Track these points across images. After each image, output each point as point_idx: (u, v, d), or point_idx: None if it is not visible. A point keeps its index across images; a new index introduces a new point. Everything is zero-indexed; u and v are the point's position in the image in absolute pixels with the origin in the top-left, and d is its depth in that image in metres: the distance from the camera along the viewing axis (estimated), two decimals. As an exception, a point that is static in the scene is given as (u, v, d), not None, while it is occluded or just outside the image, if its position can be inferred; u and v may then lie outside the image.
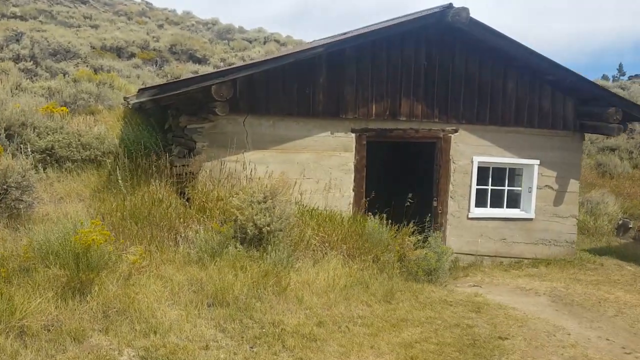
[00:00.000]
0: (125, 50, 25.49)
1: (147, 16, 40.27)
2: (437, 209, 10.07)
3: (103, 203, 7.95)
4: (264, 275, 6.38)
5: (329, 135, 9.47)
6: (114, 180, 8.36)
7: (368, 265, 7.36)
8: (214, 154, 8.78)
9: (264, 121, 9.11)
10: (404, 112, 9.68)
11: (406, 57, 9.64)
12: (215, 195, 8.34)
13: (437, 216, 10.07)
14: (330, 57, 9.13)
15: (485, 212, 10.37)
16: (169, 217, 7.61)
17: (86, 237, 5.43)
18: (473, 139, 10.16)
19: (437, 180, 10.10)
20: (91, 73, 15.44)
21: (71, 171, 8.88)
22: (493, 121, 10.18)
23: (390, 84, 9.56)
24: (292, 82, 9.06)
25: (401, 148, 11.38)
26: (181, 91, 7.97)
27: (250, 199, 7.14)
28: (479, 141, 10.19)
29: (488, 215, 10.35)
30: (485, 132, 10.20)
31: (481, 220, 10.31)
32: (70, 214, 7.49)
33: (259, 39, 34.94)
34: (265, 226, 6.86)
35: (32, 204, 6.94)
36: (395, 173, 11.80)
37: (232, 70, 8.32)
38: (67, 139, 8.90)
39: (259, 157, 9.05)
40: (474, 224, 10.29)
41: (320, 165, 9.43)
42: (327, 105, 9.26)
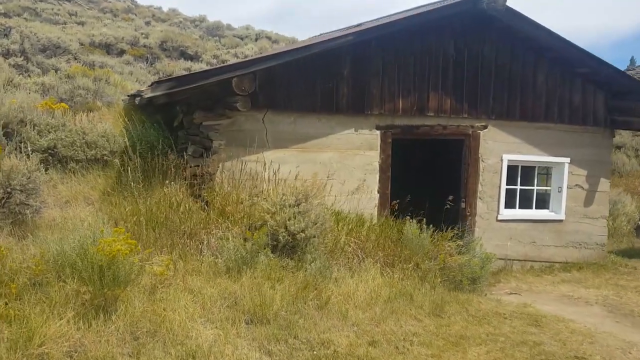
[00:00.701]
0: (114, 47, 24.61)
1: (133, 13, 39.31)
2: (466, 210, 9.49)
3: (115, 207, 7.22)
4: (303, 288, 5.73)
5: (352, 133, 8.84)
6: (125, 182, 7.63)
7: (409, 274, 6.74)
8: (231, 153, 8.10)
9: (285, 118, 8.45)
10: (432, 107, 9.08)
11: (434, 48, 9.05)
12: (235, 198, 7.67)
13: (465, 218, 9.49)
14: (355, 48, 8.50)
15: (514, 213, 9.82)
16: (189, 222, 6.92)
17: (110, 247, 4.73)
18: (503, 136, 9.60)
19: (465, 180, 9.52)
20: (86, 69, 14.63)
21: (75, 172, 8.11)
22: (523, 116, 9.64)
23: (417, 77, 8.96)
24: (315, 75, 8.41)
25: (423, 146, 10.75)
26: (200, 84, 7.28)
27: (281, 202, 6.48)
28: (508, 138, 9.63)
29: (518, 216, 9.81)
30: (515, 128, 9.65)
31: (510, 223, 9.76)
32: (80, 219, 6.77)
33: (249, 35, 34.23)
34: (300, 232, 6.20)
35: (39, 209, 6.20)
36: (417, 173, 11.18)
37: (254, 61, 7.64)
38: (70, 137, 8.13)
39: (279, 156, 8.38)
40: (503, 226, 9.73)
41: (344, 165, 8.80)
42: (352, 100, 8.63)
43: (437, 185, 9.97)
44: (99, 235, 5.14)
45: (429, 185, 10.35)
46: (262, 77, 7.98)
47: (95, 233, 5.19)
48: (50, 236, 5.73)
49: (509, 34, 9.25)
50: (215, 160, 8.02)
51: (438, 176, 10.67)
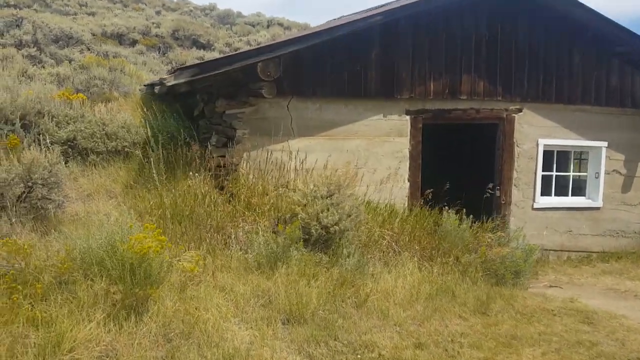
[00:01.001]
0: (126, 37, 24.34)
1: (143, 3, 39.01)
2: (500, 198, 9.08)
3: (138, 200, 6.92)
4: (340, 285, 5.39)
5: (381, 119, 8.45)
6: (148, 174, 7.33)
7: (449, 268, 6.37)
8: (256, 142, 7.75)
9: (310, 104, 8.08)
10: (465, 90, 8.65)
11: (466, 27, 8.60)
12: (260, 189, 7.34)
13: (499, 207, 9.09)
14: (384, 29, 8.08)
15: (551, 201, 9.39)
16: (215, 215, 6.61)
17: (141, 244, 4.42)
18: (538, 120, 9.15)
19: (499, 167, 9.10)
20: (101, 59, 14.35)
21: (96, 164, 7.83)
22: (559, 99, 9.18)
23: (449, 58, 8.53)
24: (341, 58, 8.02)
25: (454, 131, 10.30)
26: (224, 70, 6.91)
27: (312, 193, 6.13)
28: (544, 122, 9.18)
29: (554, 204, 9.38)
30: (551, 111, 9.20)
31: (547, 211, 9.34)
32: (104, 213, 6.48)
33: (261, 22, 33.77)
34: (333, 225, 5.85)
35: (62, 203, 5.91)
36: (446, 160, 10.76)
37: (279, 44, 7.26)
38: (90, 129, 7.84)
39: (305, 145, 8.02)
40: (539, 214, 9.31)
41: (372, 153, 8.42)
42: (380, 84, 8.23)
43: (468, 173, 9.58)
44: (128, 231, 4.84)
45: (459, 173, 9.95)
46: (286, 62, 7.59)
47: (123, 229, 4.88)
48: (75, 232, 5.44)
49: (544, 12, 8.77)
50: (239, 150, 7.67)
51: (469, 163, 10.26)
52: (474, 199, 8.35)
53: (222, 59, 7.23)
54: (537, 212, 9.30)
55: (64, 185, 6.05)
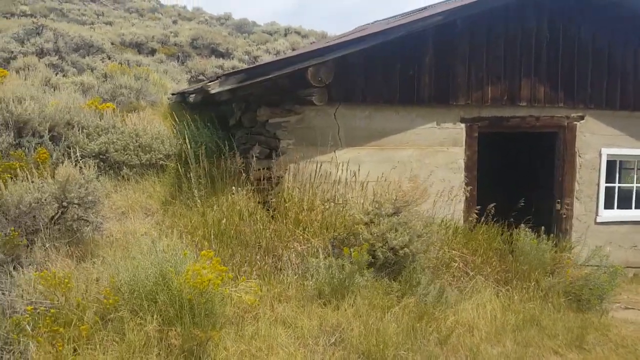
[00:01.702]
0: (145, 46, 23.96)
1: (159, 13, 38.85)
2: (561, 212, 8.37)
3: (178, 219, 6.32)
4: (419, 318, 4.73)
5: (434, 127, 7.79)
6: (186, 188, 6.73)
7: (531, 294, 5.68)
8: (301, 153, 7.12)
9: (359, 112, 7.45)
10: (524, 96, 7.98)
11: (526, 29, 7.93)
12: (308, 205, 6.71)
13: (560, 221, 8.37)
14: (439, 31, 7.44)
15: (615, 214, 8.66)
16: (263, 235, 5.98)
17: (200, 276, 3.80)
18: (601, 127, 8.44)
19: (559, 178, 8.39)
20: (125, 67, 13.85)
21: (129, 179, 7.25)
22: (624, 105, 8.46)
23: (508, 62, 7.86)
24: (393, 63, 7.39)
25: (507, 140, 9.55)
26: (273, 76, 6.30)
27: (376, 210, 5.47)
28: (607, 130, 8.47)
29: (619, 218, 8.64)
30: (615, 118, 8.48)
31: (611, 225, 8.60)
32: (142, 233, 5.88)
33: (278, 31, 33.33)
34: (403, 247, 5.18)
35: (100, 225, 5.30)
36: (501, 170, 10.03)
37: (331, 48, 6.64)
38: (122, 140, 7.26)
39: (353, 155, 7.37)
40: (602, 229, 8.58)
41: (424, 164, 7.75)
42: (434, 90, 7.58)
43: (524, 184, 8.87)
44: (181, 259, 4.23)
45: (514, 184, 9.25)
46: (335, 67, 6.97)
47: (174, 256, 4.26)
48: (115, 257, 4.84)
49: (609, 10, 8.09)
50: (284, 161, 7.06)
51: (526, 174, 9.51)
52: (532, 212, 7.65)
53: (271, 63, 6.63)
54: (600, 226, 8.57)
55: (101, 204, 5.44)
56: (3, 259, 4.42)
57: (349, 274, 4.94)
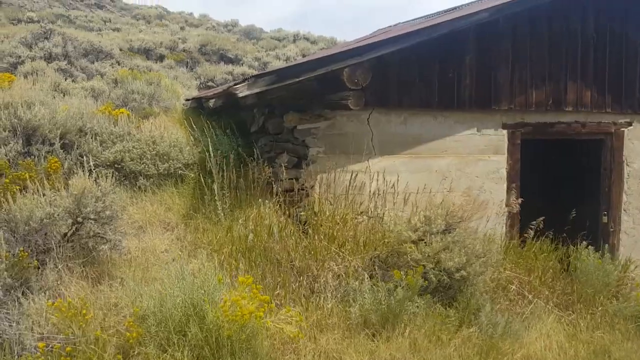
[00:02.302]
0: (153, 52, 23.56)
1: (166, 19, 38.57)
2: (608, 225, 7.76)
3: (201, 234, 5.76)
4: (485, 353, 4.13)
5: (474, 134, 7.21)
6: (209, 200, 6.17)
7: (598, 321, 5.07)
8: (332, 162, 6.55)
9: (394, 117, 6.88)
10: (571, 100, 7.40)
11: (572, 27, 7.36)
12: (339, 218, 6.13)
13: (607, 235, 7.76)
14: (481, 29, 6.88)
15: (666, 227, 8.04)
16: (297, 253, 5.41)
17: (239, 308, 3.22)
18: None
19: (606, 189, 7.80)
20: (136, 72, 13.37)
21: (145, 189, 6.70)
22: (674, 110, 7.88)
23: (553, 62, 7.29)
24: (431, 63, 6.83)
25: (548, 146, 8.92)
26: (304, 78, 5.75)
27: (425, 227, 4.89)
28: (658, 136, 7.89)
29: (671, 231, 8.02)
30: (665, 124, 7.90)
31: (660, 239, 7.99)
32: (160, 249, 5.32)
33: (287, 37, 32.91)
34: (460, 270, 4.59)
35: (120, 244, 4.74)
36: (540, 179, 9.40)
37: (369, 47, 6.08)
38: (139, 149, 6.72)
39: (388, 164, 6.80)
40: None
41: (465, 174, 7.17)
42: (475, 93, 7.00)
43: (567, 195, 8.26)
44: (214, 283, 3.66)
45: (555, 194, 8.64)
46: (370, 68, 6.41)
47: (205, 281, 3.69)
48: (132, 276, 4.29)
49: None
50: (313, 171, 6.49)
51: (568, 183, 8.87)
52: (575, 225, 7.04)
53: (302, 64, 6.07)
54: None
55: (120, 219, 4.88)
56: (11, 283, 3.86)
57: (400, 301, 4.34)
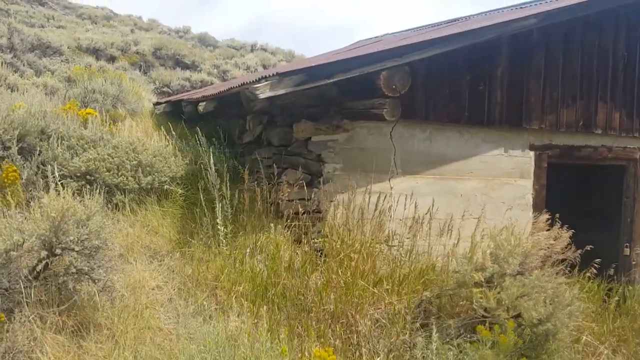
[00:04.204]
0: (103, 52, 21.93)
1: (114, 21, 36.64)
2: (630, 258, 7.19)
3: (201, 266, 4.64)
4: None
5: (502, 154, 6.47)
6: (207, 223, 5.05)
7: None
8: (351, 181, 5.60)
9: (418, 132, 6.03)
10: (600, 122, 6.81)
11: (603, 44, 6.80)
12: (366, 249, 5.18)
13: (629, 268, 7.17)
14: (514, 40, 6.18)
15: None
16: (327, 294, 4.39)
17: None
18: (673, 162, 7.38)
19: (628, 220, 7.24)
20: (94, 70, 11.99)
21: (123, 207, 5.50)
22: (696, 138, 7.45)
23: (585, 80, 6.68)
24: (462, 74, 6.04)
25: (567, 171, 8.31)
26: (340, 78, 4.79)
27: (496, 267, 4.00)
28: (679, 165, 7.42)
29: (691, 266, 7.54)
30: (688, 152, 7.45)
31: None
32: (149, 285, 4.19)
33: (245, 47, 31.91)
34: (545, 322, 3.73)
35: (112, 285, 3.56)
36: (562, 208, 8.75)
37: (410, 47, 5.19)
38: (117, 157, 5.52)
39: (410, 185, 5.93)
40: (669, 278, 7.45)
41: (490, 199, 6.40)
42: (506, 109, 6.27)
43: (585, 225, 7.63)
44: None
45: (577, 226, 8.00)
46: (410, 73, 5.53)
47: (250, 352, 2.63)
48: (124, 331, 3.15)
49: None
50: (329, 191, 5.51)
51: (586, 212, 8.23)
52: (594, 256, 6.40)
53: (334, 64, 5.09)
54: (668, 275, 7.44)
55: (110, 250, 3.70)
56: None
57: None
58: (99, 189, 5.42)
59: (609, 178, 7.49)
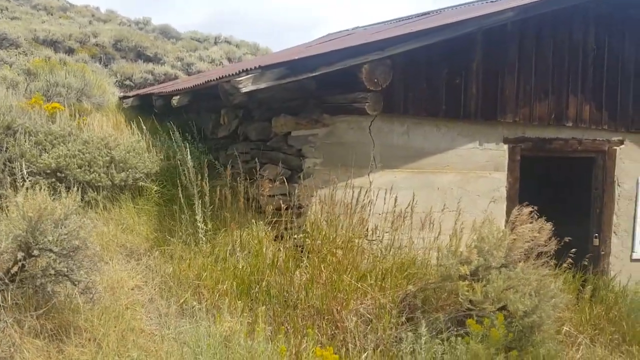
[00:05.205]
0: (61, 45, 21.23)
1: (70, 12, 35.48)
2: (600, 248, 7.39)
3: (182, 265, 4.52)
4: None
5: (476, 148, 6.53)
6: (187, 220, 4.92)
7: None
8: (331, 176, 5.55)
9: (397, 126, 6.03)
10: (571, 115, 6.93)
11: (574, 38, 6.92)
12: (349, 245, 5.15)
13: (598, 258, 7.37)
14: (489, 34, 6.23)
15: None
16: (313, 290, 4.34)
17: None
18: (639, 154, 7.61)
19: (597, 211, 7.42)
20: (55, 62, 11.59)
21: (96, 205, 5.31)
22: (662, 129, 7.70)
23: (556, 73, 6.79)
24: (439, 68, 6.06)
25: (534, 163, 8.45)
26: (319, 73, 4.71)
27: (481, 260, 4.02)
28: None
29: (652, 254, 7.80)
30: (652, 143, 7.69)
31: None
32: (128, 285, 4.06)
33: (208, 39, 31.43)
34: (531, 314, 3.77)
35: (94, 286, 3.42)
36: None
37: (390, 41, 5.15)
38: (88, 154, 5.32)
39: (389, 179, 5.93)
40: (636, 267, 7.69)
41: (466, 192, 6.46)
42: (482, 102, 6.33)
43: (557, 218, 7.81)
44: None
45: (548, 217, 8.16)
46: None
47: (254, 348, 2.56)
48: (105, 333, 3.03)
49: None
50: (310, 186, 5.46)
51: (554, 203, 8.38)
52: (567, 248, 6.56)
53: (317, 57, 5.00)
54: (636, 263, 7.68)
55: (88, 249, 3.55)
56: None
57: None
58: (71, 186, 5.24)
59: (580, 170, 7.66)
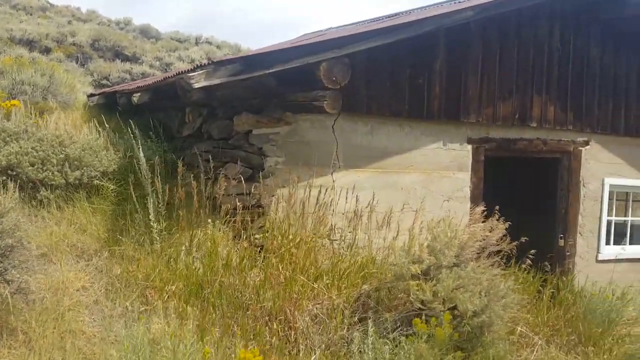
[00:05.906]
0: (38, 44, 20.99)
1: (50, 12, 35.05)
2: (565, 249, 7.41)
3: (132, 265, 4.42)
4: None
5: (440, 148, 6.51)
6: (140, 220, 4.83)
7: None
8: (293, 175, 5.48)
9: (361, 125, 5.99)
10: (535, 115, 6.95)
11: (539, 37, 6.94)
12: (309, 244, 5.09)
13: (563, 259, 7.40)
14: (451, 34, 6.22)
15: (615, 252, 7.84)
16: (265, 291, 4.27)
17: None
18: (605, 155, 7.64)
19: (563, 211, 7.45)
20: (24, 60, 11.39)
21: (49, 204, 5.18)
22: (628, 131, 7.74)
23: (520, 74, 6.80)
24: (402, 67, 6.03)
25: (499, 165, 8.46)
26: (277, 69, 4.64)
27: (431, 259, 3.98)
28: (610, 157, 7.69)
29: (621, 256, 7.84)
30: (619, 145, 7.72)
31: (611, 264, 7.78)
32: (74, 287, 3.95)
33: (189, 39, 31.26)
34: (480, 314, 3.73)
35: (28, 286, 3.31)
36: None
37: (348, 38, 5.11)
38: (41, 151, 5.19)
39: (353, 179, 5.88)
40: (602, 268, 7.71)
41: (430, 192, 6.44)
42: (445, 102, 6.31)
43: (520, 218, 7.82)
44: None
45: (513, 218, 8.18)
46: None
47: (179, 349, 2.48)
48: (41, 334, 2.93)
49: (614, 29, 7.37)
50: (270, 185, 5.39)
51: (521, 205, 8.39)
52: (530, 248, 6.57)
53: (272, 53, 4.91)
54: (602, 264, 7.73)
55: (27, 250, 3.44)
56: None
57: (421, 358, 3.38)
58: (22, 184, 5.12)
59: (545, 171, 7.69)
